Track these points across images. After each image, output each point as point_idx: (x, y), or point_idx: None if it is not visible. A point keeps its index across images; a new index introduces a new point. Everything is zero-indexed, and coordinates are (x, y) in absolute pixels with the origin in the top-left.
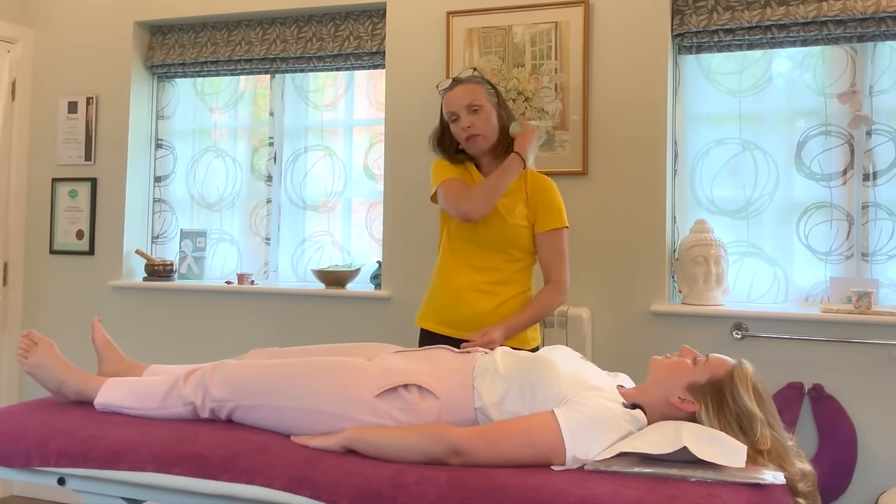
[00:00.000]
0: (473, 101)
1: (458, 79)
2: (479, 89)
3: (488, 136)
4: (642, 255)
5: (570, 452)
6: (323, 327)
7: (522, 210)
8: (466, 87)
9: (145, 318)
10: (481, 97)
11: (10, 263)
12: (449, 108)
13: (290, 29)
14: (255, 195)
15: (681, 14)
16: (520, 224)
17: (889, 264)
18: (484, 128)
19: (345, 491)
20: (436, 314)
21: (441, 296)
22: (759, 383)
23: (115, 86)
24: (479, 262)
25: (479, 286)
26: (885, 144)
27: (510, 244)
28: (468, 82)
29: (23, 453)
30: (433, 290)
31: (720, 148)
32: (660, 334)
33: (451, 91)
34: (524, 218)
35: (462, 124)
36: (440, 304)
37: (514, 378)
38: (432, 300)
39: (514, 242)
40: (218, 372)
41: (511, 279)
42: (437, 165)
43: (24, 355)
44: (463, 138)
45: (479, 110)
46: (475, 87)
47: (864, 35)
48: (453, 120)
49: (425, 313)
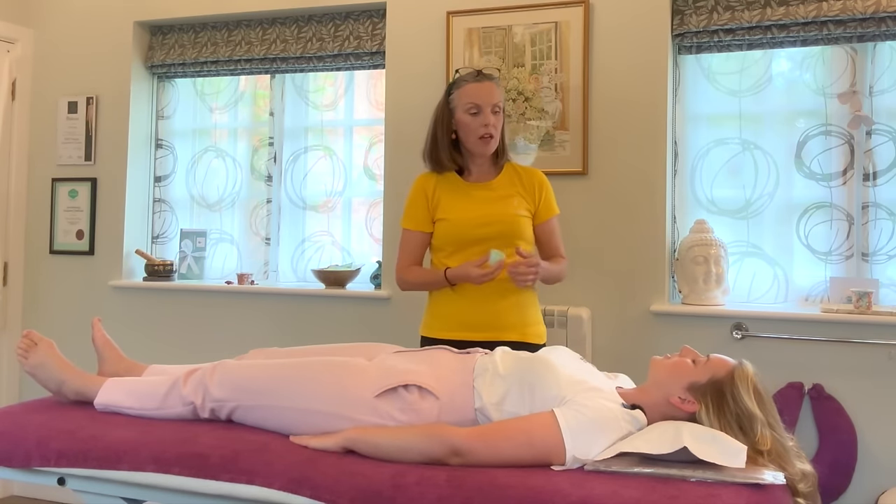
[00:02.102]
0: (499, 101)
1: (486, 74)
2: (501, 92)
3: (498, 139)
4: (642, 255)
5: (570, 452)
6: (323, 327)
7: (521, 202)
8: (495, 87)
9: (145, 318)
10: (502, 100)
11: (10, 263)
12: (473, 100)
13: (290, 29)
14: (255, 195)
15: (681, 14)
16: (522, 215)
17: (889, 264)
18: (498, 131)
19: (345, 491)
20: (448, 321)
21: (451, 301)
22: (759, 384)
23: (115, 86)
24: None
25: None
26: (885, 144)
27: (517, 235)
28: (495, 81)
29: (23, 453)
30: (439, 297)
31: (720, 148)
32: (660, 334)
33: (480, 84)
34: (525, 209)
35: (485, 121)
36: (452, 311)
37: (513, 378)
38: (441, 307)
39: (520, 233)
40: (218, 372)
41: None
42: (412, 196)
43: (24, 355)
44: (479, 135)
45: (499, 113)
46: (499, 88)
47: (864, 35)
48: (473, 113)
49: (434, 322)
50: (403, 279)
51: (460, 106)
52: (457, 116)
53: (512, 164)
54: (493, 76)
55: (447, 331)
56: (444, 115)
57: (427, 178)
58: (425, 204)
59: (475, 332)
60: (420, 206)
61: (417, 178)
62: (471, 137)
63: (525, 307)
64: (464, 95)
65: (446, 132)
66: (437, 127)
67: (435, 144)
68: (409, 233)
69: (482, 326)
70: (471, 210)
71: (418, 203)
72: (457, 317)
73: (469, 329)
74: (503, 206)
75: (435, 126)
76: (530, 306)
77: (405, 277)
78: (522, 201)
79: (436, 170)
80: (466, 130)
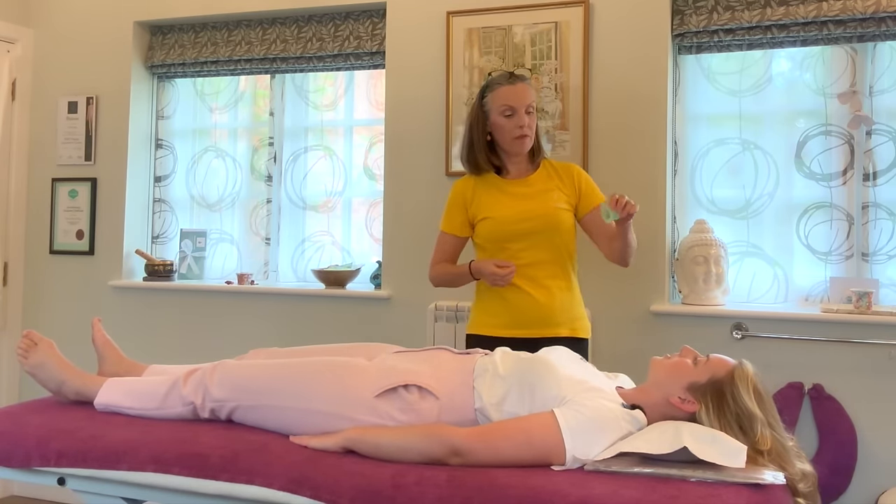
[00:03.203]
0: (533, 101)
1: (518, 76)
2: (533, 92)
3: (533, 138)
4: (642, 255)
5: (570, 452)
6: (323, 327)
7: (561, 196)
8: (528, 88)
9: (145, 318)
10: (535, 100)
11: (10, 263)
12: (508, 102)
13: (290, 29)
14: (255, 195)
15: (681, 14)
16: (562, 208)
17: (889, 264)
18: (533, 130)
19: (345, 491)
20: (501, 318)
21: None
22: (759, 383)
23: (115, 86)
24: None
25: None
26: (885, 144)
27: (555, 228)
28: (527, 82)
29: (23, 453)
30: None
31: (720, 148)
32: (660, 334)
33: (514, 86)
34: (565, 202)
35: (521, 122)
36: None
37: (513, 379)
38: (492, 305)
39: (558, 226)
40: (218, 372)
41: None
42: (451, 200)
43: (24, 355)
44: (515, 136)
45: (532, 113)
46: (532, 89)
47: (864, 35)
48: (508, 115)
49: (486, 320)
50: (433, 274)
51: (495, 108)
52: (492, 119)
53: (548, 160)
54: (525, 77)
55: (501, 328)
56: (479, 118)
57: (465, 182)
58: (463, 209)
59: (529, 330)
60: (458, 211)
61: (456, 183)
62: (507, 138)
63: (573, 303)
64: (498, 98)
65: (482, 135)
66: (472, 130)
67: (471, 148)
68: (445, 235)
69: (537, 323)
70: (512, 206)
71: (456, 208)
72: (509, 315)
73: (523, 326)
74: (543, 201)
75: (470, 130)
76: (577, 302)
77: (435, 272)
78: (562, 195)
79: (474, 172)
80: (502, 132)
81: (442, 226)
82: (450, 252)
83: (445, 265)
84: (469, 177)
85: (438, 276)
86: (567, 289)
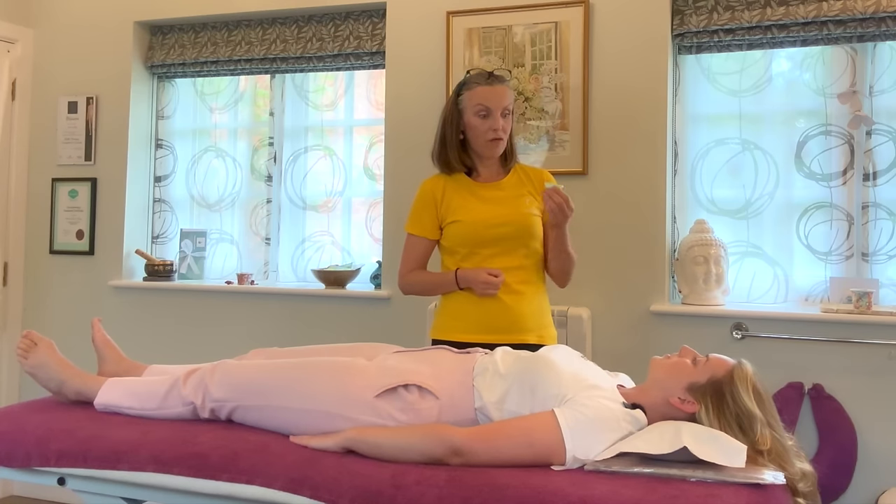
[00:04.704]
0: (509, 104)
1: (497, 76)
2: (512, 94)
3: (507, 142)
4: (642, 255)
5: (571, 452)
6: (323, 327)
7: (532, 202)
8: (507, 90)
9: (145, 318)
10: (512, 102)
11: (10, 263)
12: (484, 103)
13: (290, 29)
14: (255, 195)
15: (681, 14)
16: (534, 213)
17: (889, 264)
18: (507, 133)
19: (345, 491)
20: (468, 323)
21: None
22: (759, 383)
23: (115, 86)
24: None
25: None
26: (885, 144)
27: (528, 234)
28: (506, 83)
29: (23, 453)
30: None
31: (720, 148)
32: (660, 334)
33: (492, 87)
34: (536, 208)
35: (495, 125)
36: (473, 313)
37: (514, 378)
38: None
39: (531, 231)
40: (218, 372)
41: (530, 279)
42: (419, 200)
43: (23, 355)
44: (488, 138)
45: (508, 115)
46: (510, 91)
47: (864, 35)
48: (483, 115)
49: (452, 324)
50: (409, 282)
51: (470, 108)
52: (465, 118)
53: (520, 164)
54: (504, 78)
55: (467, 333)
56: (453, 115)
57: (435, 181)
58: (434, 210)
59: (498, 335)
60: (428, 213)
61: (425, 182)
62: (479, 140)
63: (542, 310)
64: (474, 97)
65: (455, 133)
66: (445, 128)
67: (444, 145)
68: (415, 238)
69: (506, 329)
70: (484, 211)
71: (426, 209)
72: (478, 320)
73: (492, 332)
74: (515, 206)
75: (443, 127)
76: (546, 309)
77: (410, 280)
78: (534, 201)
79: (445, 171)
80: (475, 133)
81: (410, 228)
82: (422, 257)
83: (422, 273)
84: (439, 176)
85: (414, 284)
86: (537, 295)
